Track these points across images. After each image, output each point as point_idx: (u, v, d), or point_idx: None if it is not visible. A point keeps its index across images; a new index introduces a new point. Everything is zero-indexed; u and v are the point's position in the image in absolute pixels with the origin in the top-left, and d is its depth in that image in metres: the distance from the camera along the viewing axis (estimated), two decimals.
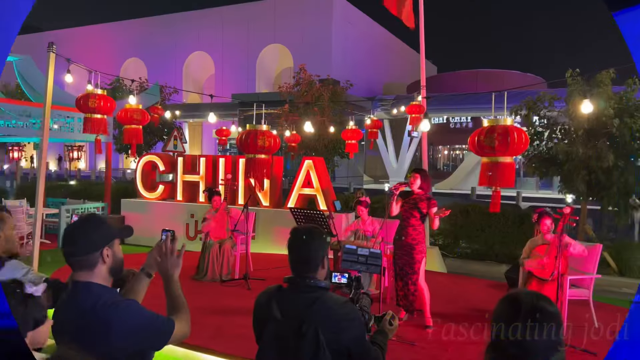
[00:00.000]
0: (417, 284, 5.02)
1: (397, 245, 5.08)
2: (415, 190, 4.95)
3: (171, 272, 1.97)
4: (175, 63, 36.03)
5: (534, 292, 1.40)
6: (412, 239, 4.97)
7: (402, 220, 5.04)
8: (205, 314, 5.35)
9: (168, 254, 1.97)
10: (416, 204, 4.96)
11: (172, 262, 1.97)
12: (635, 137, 7.71)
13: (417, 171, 5.04)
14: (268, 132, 6.05)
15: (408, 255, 4.99)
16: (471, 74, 34.98)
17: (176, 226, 9.67)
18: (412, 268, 5.00)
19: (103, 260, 1.80)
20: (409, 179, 4.99)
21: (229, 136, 11.81)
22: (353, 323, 1.89)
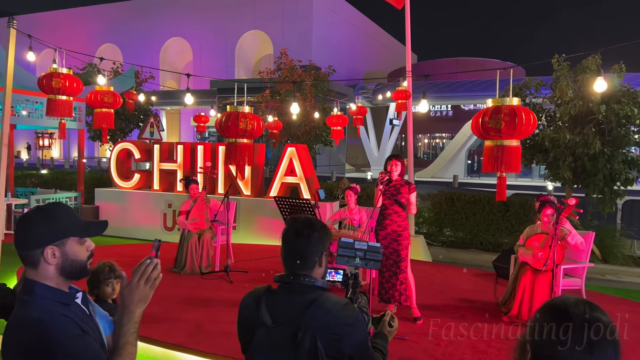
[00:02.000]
0: (406, 271, 4.86)
1: (380, 235, 4.91)
2: (395, 177, 4.84)
3: (133, 306, 1.55)
4: (152, 49, 35.08)
5: (585, 301, 1.15)
6: (397, 226, 4.85)
7: (384, 208, 4.90)
8: (183, 309, 5.07)
9: (140, 281, 1.56)
10: (398, 190, 4.87)
11: (140, 294, 1.55)
12: (621, 124, 7.62)
13: (397, 157, 4.92)
14: (250, 114, 5.70)
15: (395, 243, 4.86)
16: (451, 62, 35.01)
17: (153, 216, 9.33)
18: (399, 255, 4.85)
19: (46, 260, 1.52)
20: (388, 167, 4.85)
21: (207, 123, 11.43)
22: (355, 327, 1.63)
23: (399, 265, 4.85)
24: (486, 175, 29.47)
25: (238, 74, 32.70)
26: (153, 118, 11.83)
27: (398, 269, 4.85)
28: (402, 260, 4.85)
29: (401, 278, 4.85)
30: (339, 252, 1.94)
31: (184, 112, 33.24)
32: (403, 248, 4.86)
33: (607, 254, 8.16)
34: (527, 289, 4.90)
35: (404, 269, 4.86)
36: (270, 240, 8.60)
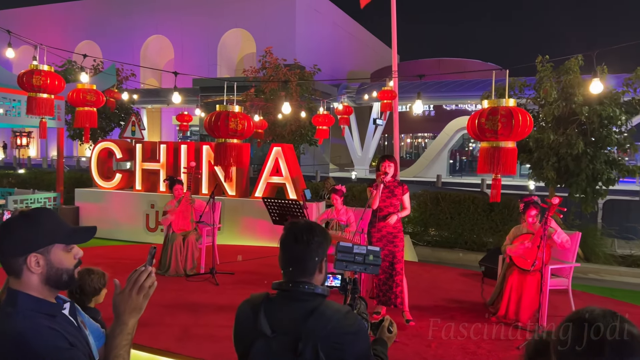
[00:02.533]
0: (402, 273, 4.80)
1: (375, 237, 4.82)
2: (389, 178, 4.79)
3: (126, 316, 1.49)
4: (132, 47, 34.53)
5: (612, 312, 1.10)
6: (392, 227, 4.80)
7: (379, 210, 4.80)
8: (169, 313, 4.96)
9: (133, 290, 1.50)
10: (392, 191, 4.82)
11: (133, 303, 1.49)
12: (603, 124, 7.73)
13: (390, 158, 4.84)
14: (240, 113, 5.59)
15: (391, 245, 4.79)
16: (434, 62, 35.20)
17: (135, 217, 9.15)
18: (395, 257, 4.79)
19: (30, 269, 1.42)
20: (382, 167, 4.77)
21: (190, 122, 11.26)
22: (358, 336, 1.58)
23: (394, 267, 4.80)
24: (468, 174, 29.79)
25: (220, 73, 32.41)
26: (134, 117, 11.62)
27: (394, 270, 4.80)
28: (398, 262, 4.81)
29: (397, 280, 4.80)
30: (338, 257, 1.88)
31: (165, 110, 32.83)
32: (399, 250, 4.82)
33: (589, 253, 8.28)
34: (515, 289, 4.92)
35: (400, 271, 4.82)
36: (256, 241, 8.51)
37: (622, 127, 7.90)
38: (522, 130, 3.62)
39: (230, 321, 5.11)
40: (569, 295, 5.17)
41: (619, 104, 7.74)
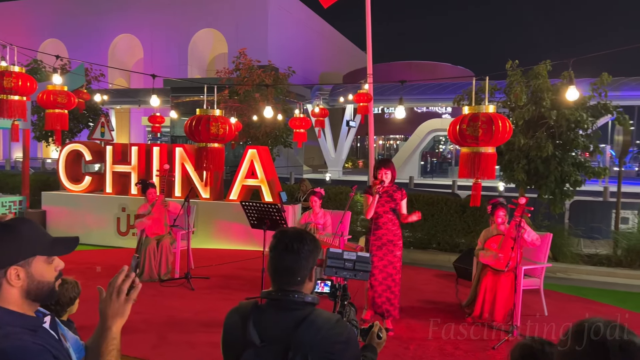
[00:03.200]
0: (399, 283, 4.65)
1: (375, 245, 4.59)
2: (386, 185, 4.59)
3: (109, 322, 1.46)
4: (100, 46, 33.71)
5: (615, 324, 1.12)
6: (393, 235, 4.62)
7: (378, 217, 4.59)
8: (143, 319, 4.85)
9: (113, 295, 1.47)
10: (392, 197, 4.62)
11: (114, 308, 1.46)
12: (571, 128, 7.97)
13: (388, 166, 4.60)
14: (221, 117, 5.51)
15: (391, 254, 4.60)
16: (405, 65, 35.61)
17: (105, 220, 8.93)
18: (395, 267, 4.61)
19: (9, 282, 1.36)
20: (379, 175, 4.56)
21: (163, 123, 11.07)
22: (348, 345, 1.58)
23: (394, 278, 4.63)
24: (439, 176, 30.26)
25: (191, 73, 31.99)
26: (104, 117, 11.35)
27: (393, 282, 4.63)
28: (397, 272, 4.64)
29: (396, 291, 4.64)
30: (328, 263, 1.88)
31: (134, 111, 32.18)
32: (397, 259, 4.65)
33: (557, 253, 8.50)
34: (489, 289, 5.02)
35: (398, 282, 4.65)
36: (231, 245, 8.43)
37: (588, 130, 8.16)
38: (502, 136, 3.71)
39: (207, 326, 5.06)
40: (541, 295, 5.31)
41: (585, 108, 7.99)
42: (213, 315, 5.06)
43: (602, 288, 6.89)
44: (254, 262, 7.25)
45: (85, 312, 2.94)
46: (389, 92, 23.98)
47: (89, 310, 1.53)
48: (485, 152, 3.79)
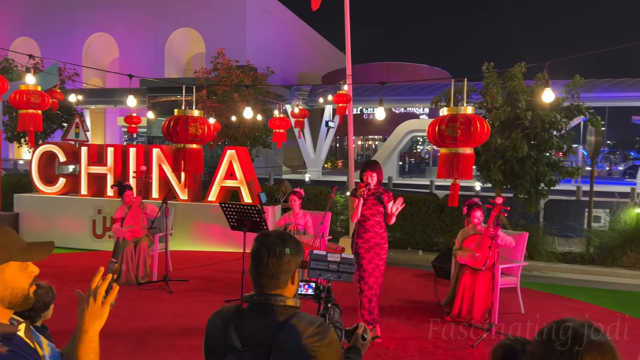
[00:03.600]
0: (381, 286, 4.55)
1: (363, 248, 4.46)
2: (372, 187, 4.46)
3: (86, 325, 1.42)
4: (74, 44, 32.99)
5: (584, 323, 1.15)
6: (380, 238, 4.49)
7: (365, 219, 4.45)
8: (122, 323, 4.77)
9: (90, 297, 1.43)
10: (380, 199, 4.46)
11: (91, 311, 1.42)
12: (545, 129, 8.13)
13: (374, 169, 4.46)
14: (200, 118, 5.45)
15: (377, 257, 4.48)
16: (382, 66, 35.87)
17: (80, 223, 8.75)
18: (380, 271, 4.50)
19: None
20: (364, 178, 4.42)
21: (139, 124, 10.91)
22: (331, 348, 1.57)
23: (379, 283, 4.54)
24: (417, 176, 30.56)
25: (168, 73, 31.59)
26: (78, 118, 11.12)
27: (379, 287, 4.55)
28: (381, 276, 4.56)
29: (378, 294, 4.57)
30: (311, 265, 1.87)
31: (109, 111, 31.62)
32: (383, 263, 4.55)
33: (533, 251, 8.67)
34: (467, 288, 5.09)
35: (380, 284, 4.57)
36: (210, 247, 8.36)
37: (561, 130, 8.34)
38: (480, 137, 3.76)
39: (186, 329, 5.01)
40: (518, 293, 5.41)
41: (559, 110, 8.17)
42: (192, 318, 5.01)
43: (576, 285, 7.06)
44: (234, 264, 7.20)
45: (60, 318, 2.88)
46: (368, 93, 24.12)
47: (64, 315, 1.49)
48: (464, 153, 3.84)
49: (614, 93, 21.23)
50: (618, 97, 21.52)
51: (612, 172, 37.63)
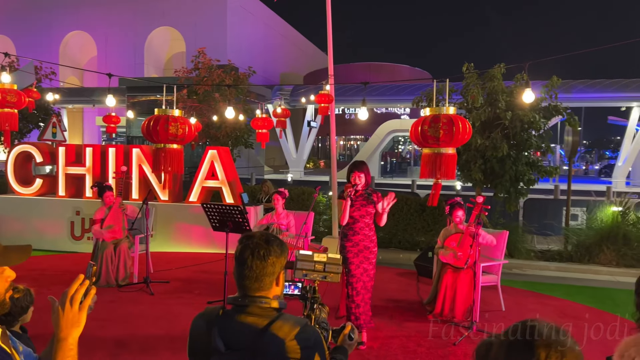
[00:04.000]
0: (371, 291, 4.43)
1: (352, 252, 4.34)
2: (360, 188, 4.35)
3: (64, 332, 1.37)
4: (51, 43, 32.36)
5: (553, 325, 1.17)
6: (370, 241, 4.37)
7: (354, 221, 4.32)
8: (101, 327, 4.69)
9: (66, 303, 1.38)
10: (368, 199, 4.35)
11: (69, 317, 1.37)
12: (524, 129, 8.25)
13: (361, 169, 4.35)
14: (181, 117, 5.38)
15: (367, 262, 4.36)
16: (364, 66, 36.01)
17: (58, 224, 8.58)
18: (369, 275, 4.38)
19: None
20: (351, 179, 4.31)
21: (118, 123, 10.74)
22: (315, 350, 1.56)
23: (368, 288, 4.41)
24: (398, 175, 30.76)
25: (148, 72, 31.20)
26: (55, 117, 10.91)
27: (368, 292, 4.41)
28: (371, 280, 4.43)
29: (367, 300, 4.42)
30: (297, 266, 1.86)
31: (87, 111, 31.08)
32: (372, 267, 4.43)
33: (513, 249, 8.80)
34: (449, 287, 5.14)
35: (371, 289, 4.44)
36: (191, 248, 8.28)
37: (540, 130, 8.47)
38: (462, 137, 3.80)
39: (168, 332, 4.94)
40: (499, 291, 5.47)
41: (537, 110, 8.30)
42: (174, 320, 4.95)
43: (555, 282, 7.18)
44: (216, 265, 7.15)
45: (39, 321, 2.81)
46: (350, 93, 24.18)
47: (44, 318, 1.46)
48: (446, 153, 3.87)
49: (590, 94, 21.67)
50: (594, 97, 21.98)
51: (589, 171, 38.46)
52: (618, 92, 21.55)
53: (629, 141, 24.55)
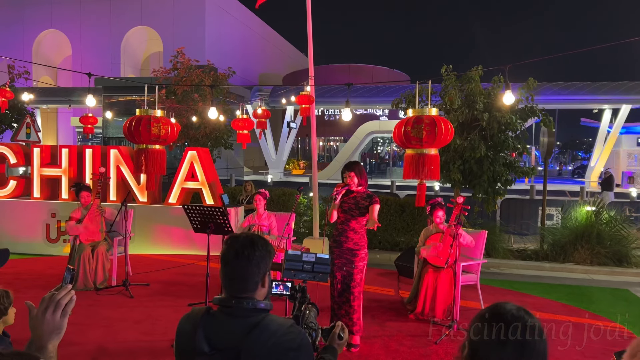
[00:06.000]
0: (360, 297, 4.33)
1: (335, 253, 4.30)
2: (355, 189, 4.28)
3: (44, 340, 1.33)
4: (23, 41, 31.59)
5: (519, 307, 1.26)
6: (354, 244, 4.26)
7: (340, 223, 4.28)
8: (79, 331, 4.60)
9: (49, 310, 1.33)
10: (357, 203, 4.26)
11: (50, 324, 1.33)
12: (501, 130, 8.40)
13: (351, 169, 4.26)
14: (163, 118, 5.30)
15: (349, 265, 4.27)
16: (343, 67, 36.14)
17: (33, 227, 8.38)
18: (353, 279, 4.27)
19: None
20: (345, 179, 4.26)
21: (95, 124, 10.56)
22: (300, 352, 1.55)
23: (352, 291, 4.28)
24: (378, 176, 30.94)
25: (124, 72, 30.71)
26: (29, 118, 10.66)
27: (351, 295, 4.28)
28: (356, 285, 4.29)
29: (355, 305, 4.30)
30: (286, 266, 1.86)
31: (62, 111, 30.44)
32: (358, 271, 4.29)
33: (491, 249, 8.95)
34: (430, 286, 5.20)
35: (358, 295, 4.31)
36: (171, 250, 8.18)
37: (517, 132, 8.64)
38: (445, 138, 3.85)
39: (148, 335, 4.89)
40: (478, 290, 5.56)
41: (514, 111, 8.46)
42: (154, 323, 4.89)
43: (531, 281, 7.33)
44: (196, 267, 7.09)
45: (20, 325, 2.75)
46: (329, 94, 24.25)
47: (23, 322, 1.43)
48: (429, 154, 3.92)
49: (563, 96, 22.19)
50: (567, 100, 22.50)
51: (562, 171, 39.33)
52: (590, 94, 22.12)
53: (600, 142, 25.21)
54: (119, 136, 22.87)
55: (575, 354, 4.29)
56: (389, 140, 36.02)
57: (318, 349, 1.80)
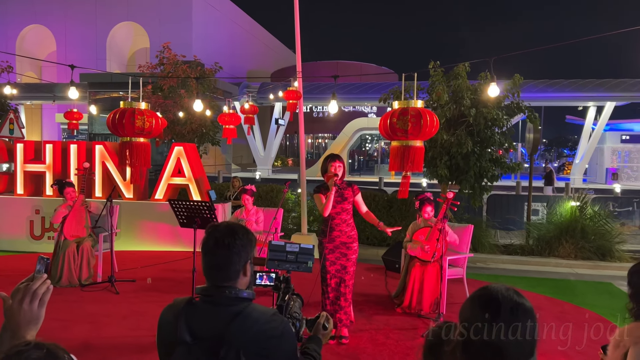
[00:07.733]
0: (351, 287, 4.36)
1: (328, 248, 4.29)
2: (339, 176, 4.27)
3: (22, 331, 1.29)
4: (7, 36, 31.08)
5: (511, 288, 1.26)
6: (347, 237, 4.29)
7: (331, 217, 4.23)
8: (64, 327, 4.55)
9: (25, 300, 1.30)
10: (342, 194, 4.26)
11: (27, 314, 1.29)
12: (488, 126, 8.46)
13: (340, 158, 4.31)
14: (147, 110, 5.25)
15: (344, 258, 4.28)
16: (331, 64, 36.14)
17: (16, 224, 8.26)
18: (348, 272, 4.28)
19: None
20: (332, 168, 4.23)
21: (80, 120, 10.43)
22: (283, 340, 1.55)
23: (347, 284, 4.32)
24: (366, 173, 31.03)
25: (110, 68, 30.38)
26: (13, 113, 10.50)
27: (347, 287, 4.32)
28: (350, 278, 4.34)
29: (349, 298, 4.36)
30: (270, 256, 1.85)
31: (46, 107, 30.02)
32: (351, 264, 4.34)
33: (477, 244, 9.02)
34: (417, 280, 5.23)
35: (350, 286, 4.36)
36: (157, 246, 8.13)
37: (503, 128, 8.70)
38: (430, 130, 3.87)
39: (134, 331, 4.85)
40: (464, 284, 5.61)
41: (500, 108, 8.52)
42: (140, 319, 4.85)
43: (517, 275, 7.41)
44: (182, 263, 7.04)
45: None
46: (317, 91, 24.22)
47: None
48: (414, 146, 3.94)
49: (549, 93, 22.41)
50: (553, 97, 22.73)
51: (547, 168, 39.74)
52: (575, 92, 22.37)
53: (585, 139, 25.52)
54: (105, 132, 22.62)
55: (557, 343, 4.34)
56: (377, 137, 36.12)
57: (302, 339, 1.79)
